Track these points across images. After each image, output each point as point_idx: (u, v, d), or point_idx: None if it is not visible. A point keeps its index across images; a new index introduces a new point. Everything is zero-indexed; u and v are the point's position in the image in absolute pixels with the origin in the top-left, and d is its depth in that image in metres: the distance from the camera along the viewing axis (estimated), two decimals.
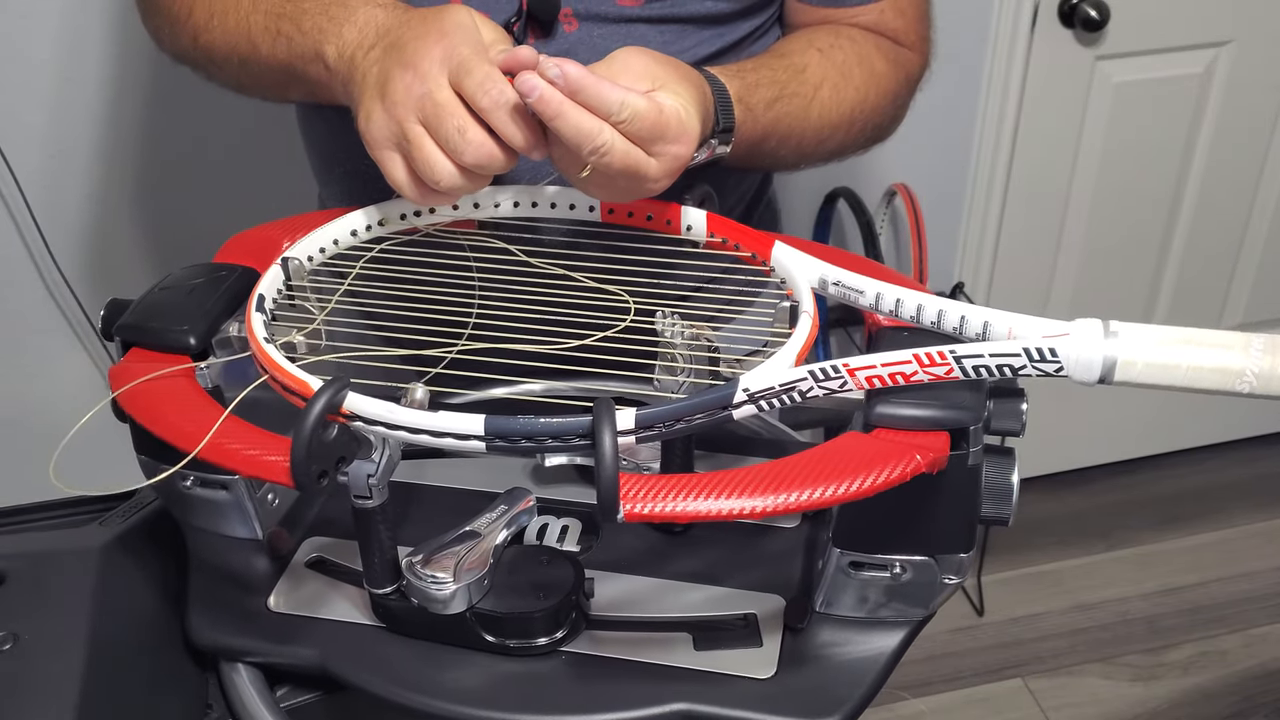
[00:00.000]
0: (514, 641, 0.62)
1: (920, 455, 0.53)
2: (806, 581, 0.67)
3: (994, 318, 0.57)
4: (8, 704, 0.58)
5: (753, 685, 0.61)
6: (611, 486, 0.51)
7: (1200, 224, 1.90)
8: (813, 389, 0.56)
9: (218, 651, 0.66)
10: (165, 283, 0.70)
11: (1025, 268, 1.89)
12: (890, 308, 0.62)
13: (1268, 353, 0.50)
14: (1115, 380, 0.52)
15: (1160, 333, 0.52)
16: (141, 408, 0.62)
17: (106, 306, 0.70)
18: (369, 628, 0.65)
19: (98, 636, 0.63)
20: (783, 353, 0.58)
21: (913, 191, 1.72)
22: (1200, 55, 1.73)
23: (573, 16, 0.80)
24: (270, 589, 0.68)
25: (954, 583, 0.62)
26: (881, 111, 0.87)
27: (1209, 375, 0.51)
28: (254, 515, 0.69)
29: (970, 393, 0.56)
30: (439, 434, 0.54)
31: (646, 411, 0.53)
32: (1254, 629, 1.87)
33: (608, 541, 0.70)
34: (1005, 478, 0.60)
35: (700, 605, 0.65)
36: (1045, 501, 2.09)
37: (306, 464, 0.53)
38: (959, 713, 1.76)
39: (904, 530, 0.60)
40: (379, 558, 0.62)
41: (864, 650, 0.62)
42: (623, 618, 0.65)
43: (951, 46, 1.69)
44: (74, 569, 0.67)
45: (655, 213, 0.74)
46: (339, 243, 0.73)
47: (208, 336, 0.65)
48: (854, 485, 0.52)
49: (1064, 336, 0.52)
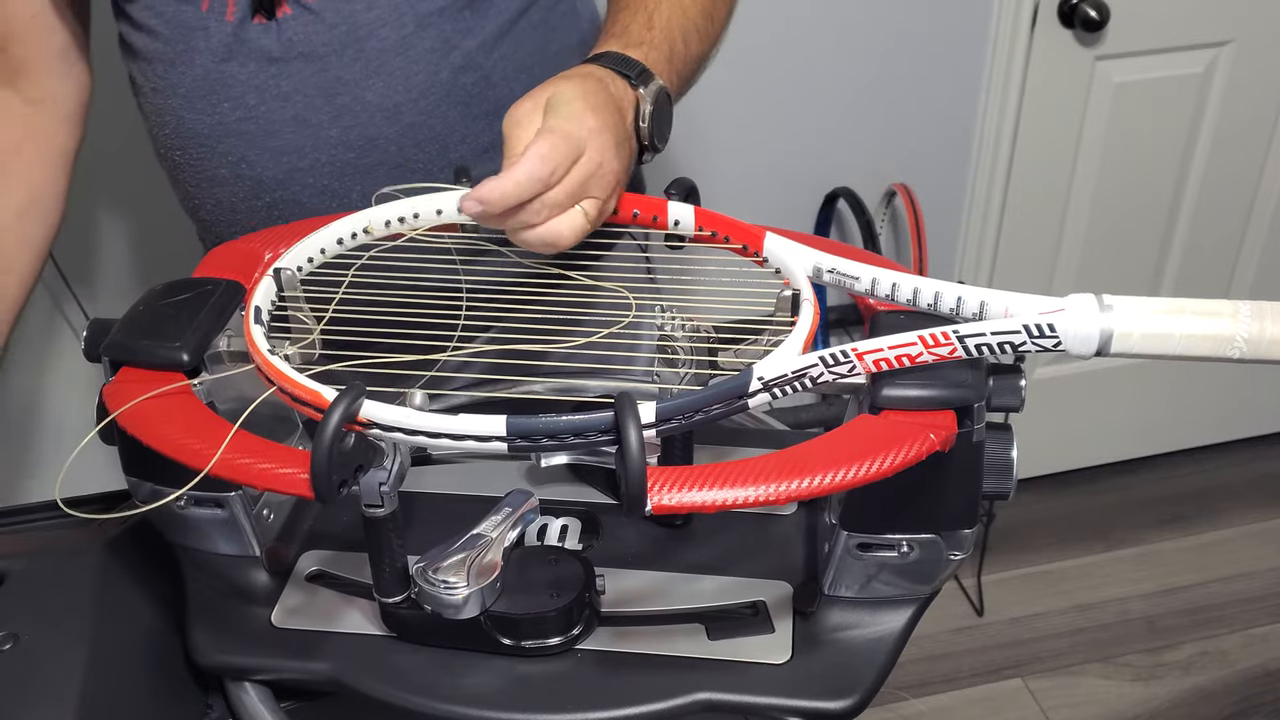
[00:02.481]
0: (529, 642, 0.62)
1: (934, 434, 0.54)
2: (811, 566, 0.68)
3: (990, 297, 0.59)
4: (8, 704, 0.58)
5: (770, 671, 0.61)
6: (639, 480, 0.51)
7: (1200, 224, 1.90)
8: (823, 374, 0.57)
9: (224, 671, 0.66)
10: (147, 299, 0.68)
11: (1025, 268, 1.89)
12: (886, 292, 0.63)
13: (1255, 318, 0.51)
14: (1112, 351, 0.53)
15: (1152, 304, 0.53)
16: (144, 428, 0.60)
17: (89, 327, 0.68)
18: (380, 638, 0.64)
19: (98, 637, 0.62)
20: (791, 340, 0.59)
21: (913, 191, 1.72)
22: (1200, 55, 1.73)
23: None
24: (272, 605, 0.67)
25: (958, 558, 0.63)
26: None
27: (1202, 343, 0.52)
28: (250, 532, 0.68)
29: (972, 371, 0.58)
30: (460, 437, 0.54)
31: (666, 404, 0.53)
32: (1254, 629, 1.87)
33: (609, 538, 0.70)
34: (1005, 453, 0.61)
35: (709, 595, 0.66)
36: (1045, 501, 2.09)
37: (328, 474, 0.52)
38: (959, 713, 1.77)
39: (911, 509, 0.61)
40: (389, 566, 0.61)
41: (874, 630, 0.64)
42: (634, 612, 0.65)
43: (951, 46, 1.70)
44: (74, 569, 0.66)
45: (642, 209, 0.74)
46: (325, 251, 0.72)
47: (200, 352, 0.64)
48: (875, 466, 0.53)
49: (1059, 312, 0.54)
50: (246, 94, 0.85)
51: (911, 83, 1.69)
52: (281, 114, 0.85)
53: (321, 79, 0.84)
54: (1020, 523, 2.04)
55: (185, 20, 0.84)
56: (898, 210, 1.76)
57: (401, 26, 0.84)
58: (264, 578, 0.69)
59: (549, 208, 0.67)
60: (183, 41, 0.85)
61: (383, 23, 0.83)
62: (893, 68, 1.66)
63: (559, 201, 0.67)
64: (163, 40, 0.86)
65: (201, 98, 0.86)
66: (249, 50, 0.84)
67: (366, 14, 0.83)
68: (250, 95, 0.85)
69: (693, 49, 0.82)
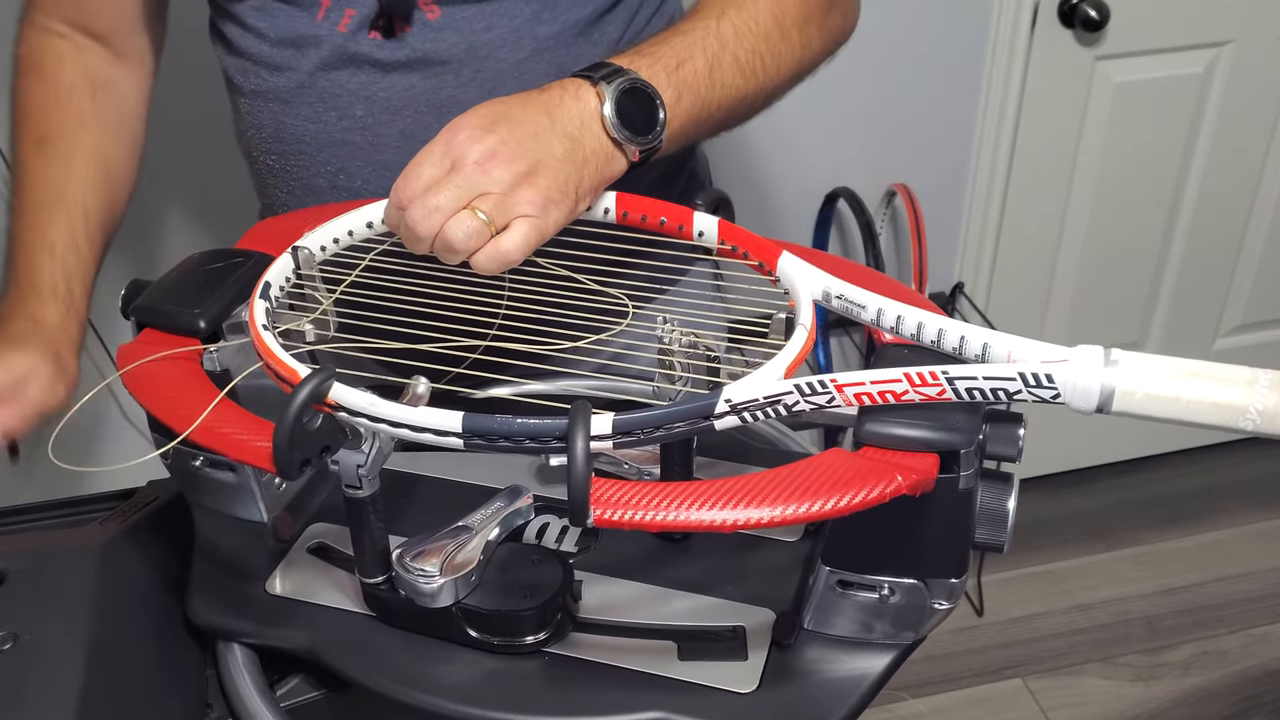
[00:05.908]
0: (498, 639, 0.62)
1: (902, 476, 0.52)
2: (800, 597, 0.66)
3: (994, 340, 0.56)
4: (8, 704, 0.58)
5: (732, 699, 0.60)
6: (582, 490, 0.51)
7: (1200, 224, 1.90)
8: (799, 403, 0.55)
9: (213, 631, 0.67)
10: (183, 265, 0.71)
11: (1025, 268, 1.89)
12: (891, 324, 0.61)
13: (1274, 389, 0.48)
14: (1113, 410, 0.51)
15: (1163, 364, 0.50)
16: (143, 387, 0.62)
17: (127, 287, 0.71)
18: (360, 616, 0.65)
19: (98, 636, 0.62)
20: (771, 365, 0.57)
21: (913, 191, 1.72)
22: (1200, 55, 1.73)
23: (433, 3, 0.81)
24: (270, 572, 0.69)
25: (945, 608, 0.60)
26: (809, 10, 0.83)
27: (1210, 410, 0.49)
28: (260, 498, 0.70)
29: (965, 415, 0.54)
30: (419, 429, 0.54)
31: (624, 417, 0.53)
32: (1254, 629, 1.87)
33: (606, 545, 0.70)
34: (1001, 503, 0.58)
35: (690, 615, 0.65)
36: (1045, 501, 2.09)
37: (289, 451, 0.54)
38: (959, 713, 1.77)
39: (892, 551, 0.59)
40: (370, 548, 0.62)
41: (849, 670, 0.61)
42: (610, 622, 0.64)
43: (951, 46, 1.70)
44: (74, 569, 0.66)
45: (669, 217, 0.73)
46: (354, 234, 0.73)
47: (219, 320, 0.66)
48: (829, 504, 0.50)
49: (1062, 363, 0.51)
50: (354, 104, 0.84)
51: (911, 83, 1.69)
52: (390, 127, 0.84)
53: (435, 95, 0.83)
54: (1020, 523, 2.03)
55: (297, 28, 0.83)
56: (898, 210, 1.76)
57: (519, 49, 0.83)
58: (269, 545, 0.70)
59: (431, 212, 0.64)
60: (291, 46, 0.83)
61: (502, 43, 0.82)
62: (893, 68, 1.66)
63: (439, 205, 0.64)
64: (270, 43, 0.84)
65: (307, 104, 0.85)
66: (361, 60, 0.83)
67: (486, 34, 0.82)
68: (358, 106, 0.84)
69: (725, 78, 0.78)
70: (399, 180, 0.66)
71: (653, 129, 0.72)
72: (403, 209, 0.65)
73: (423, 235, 0.65)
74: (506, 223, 0.65)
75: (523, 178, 0.66)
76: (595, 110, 0.70)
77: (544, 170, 0.66)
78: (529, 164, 0.66)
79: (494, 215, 0.65)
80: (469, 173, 0.65)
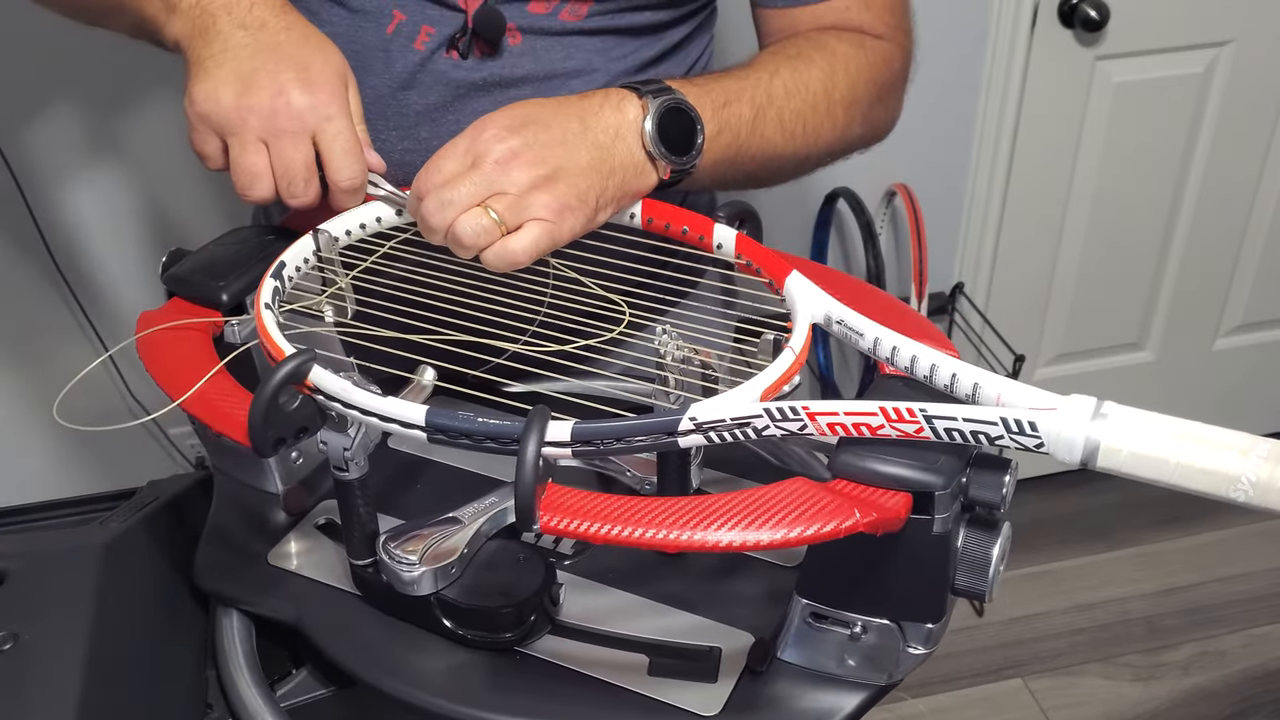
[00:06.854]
0: (472, 633, 0.62)
1: (860, 513, 0.50)
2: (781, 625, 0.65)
3: (985, 381, 0.53)
4: (8, 704, 0.58)
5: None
6: (527, 496, 0.51)
7: (1200, 224, 1.90)
8: (769, 427, 0.53)
9: (213, 594, 0.69)
10: (223, 238, 0.73)
11: (1025, 268, 1.89)
12: (886, 354, 0.59)
13: (1271, 461, 0.46)
14: (1098, 466, 0.48)
15: (1155, 422, 0.48)
16: (152, 354, 0.64)
17: (168, 254, 0.72)
18: (348, 595, 0.66)
19: (98, 636, 0.63)
20: (746, 386, 0.56)
21: (913, 191, 1.72)
22: (1200, 55, 1.73)
23: (517, 31, 0.81)
24: (275, 543, 0.70)
25: (919, 653, 0.58)
26: (857, 94, 0.84)
27: (1200, 477, 0.47)
28: (274, 469, 0.71)
29: (947, 456, 0.52)
30: (386, 419, 0.55)
31: (584, 426, 0.52)
32: (1254, 629, 1.87)
33: (602, 551, 0.69)
34: (984, 550, 0.55)
35: (670, 631, 0.64)
36: (1045, 501, 2.09)
37: (263, 428, 0.55)
38: (959, 713, 1.77)
39: (864, 589, 0.57)
40: (358, 530, 0.63)
41: (815, 706, 0.59)
42: (587, 629, 0.64)
43: (951, 46, 1.70)
44: (74, 569, 0.67)
45: (691, 227, 0.73)
46: (381, 220, 0.73)
47: (243, 294, 0.68)
48: (777, 534, 0.49)
49: (1049, 411, 0.49)
50: (419, 125, 0.82)
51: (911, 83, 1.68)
52: None
53: None
54: (1020, 523, 2.03)
55: (364, 38, 0.81)
56: (898, 210, 1.76)
57: (593, 81, 0.82)
58: (279, 517, 0.71)
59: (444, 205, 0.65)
60: (356, 59, 0.78)
61: (577, 74, 0.82)
62: None
63: (452, 200, 0.65)
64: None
65: (369, 121, 0.81)
66: (432, 82, 0.81)
67: (565, 63, 0.82)
68: (423, 128, 0.82)
69: (765, 131, 0.78)
70: (421, 171, 0.67)
71: (689, 151, 0.72)
72: (420, 199, 0.66)
73: (435, 227, 0.66)
74: (519, 224, 0.65)
75: (541, 181, 0.66)
76: (634, 122, 0.70)
77: (564, 176, 0.67)
78: (551, 169, 0.66)
79: (506, 215, 0.65)
80: (488, 170, 0.65)
